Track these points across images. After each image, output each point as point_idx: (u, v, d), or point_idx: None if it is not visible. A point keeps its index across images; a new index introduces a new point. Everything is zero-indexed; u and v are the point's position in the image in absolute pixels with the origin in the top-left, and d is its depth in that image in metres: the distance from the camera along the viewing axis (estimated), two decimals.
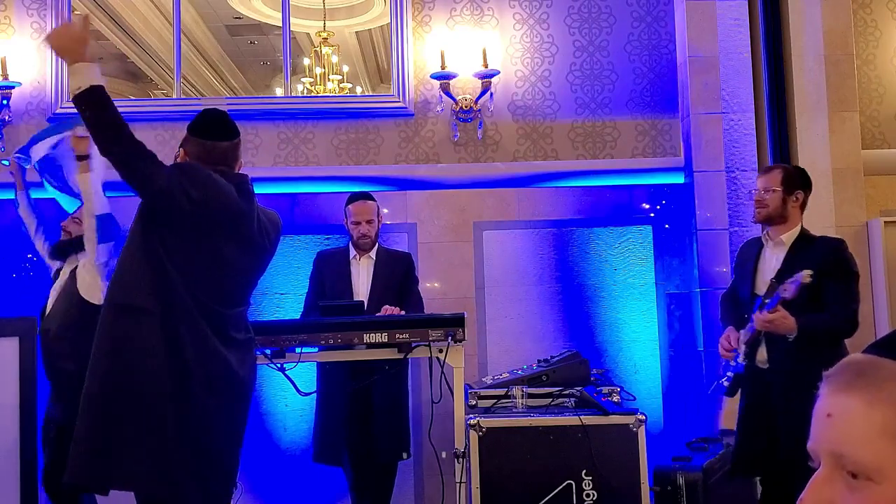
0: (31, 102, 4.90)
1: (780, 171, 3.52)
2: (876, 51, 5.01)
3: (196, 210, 2.68)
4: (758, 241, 3.60)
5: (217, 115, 2.89)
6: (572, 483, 3.38)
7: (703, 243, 4.70)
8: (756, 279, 3.50)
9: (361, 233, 4.17)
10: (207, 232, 2.72)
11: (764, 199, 3.47)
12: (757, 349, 3.42)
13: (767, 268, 3.48)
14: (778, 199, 3.44)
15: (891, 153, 4.91)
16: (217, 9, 7.09)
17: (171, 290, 2.66)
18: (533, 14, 5.06)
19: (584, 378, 3.94)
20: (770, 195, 3.46)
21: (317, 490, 4.68)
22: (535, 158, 4.99)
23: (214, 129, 2.82)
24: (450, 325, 3.45)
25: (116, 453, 2.63)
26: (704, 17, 4.79)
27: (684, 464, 3.78)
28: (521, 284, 4.87)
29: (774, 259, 3.47)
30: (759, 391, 3.44)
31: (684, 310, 4.82)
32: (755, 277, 3.51)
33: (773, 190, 3.45)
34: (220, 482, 2.82)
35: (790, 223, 3.47)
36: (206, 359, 2.71)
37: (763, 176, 3.56)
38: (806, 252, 3.35)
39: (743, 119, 4.76)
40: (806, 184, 3.53)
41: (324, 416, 4.13)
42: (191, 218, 2.69)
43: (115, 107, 2.69)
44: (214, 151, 2.79)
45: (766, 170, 3.61)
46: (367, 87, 8.05)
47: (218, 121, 2.85)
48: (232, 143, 2.84)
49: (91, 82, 2.67)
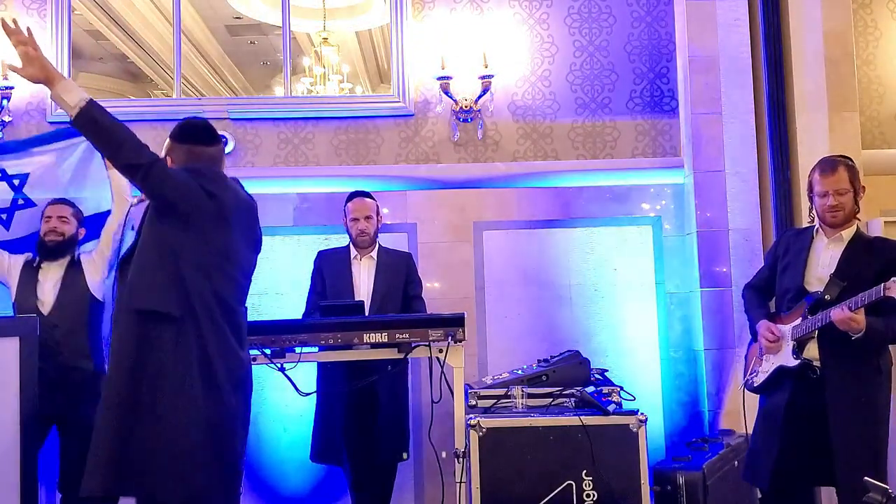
0: (31, 102, 4.90)
1: (845, 168, 3.32)
2: (876, 51, 5.02)
3: (214, 206, 2.68)
4: (807, 232, 3.42)
5: (200, 122, 2.91)
6: (572, 483, 3.38)
7: (703, 243, 4.70)
8: (807, 273, 3.33)
9: (360, 229, 4.18)
10: (225, 228, 2.72)
11: (840, 202, 3.27)
12: (804, 346, 3.29)
13: (821, 263, 3.31)
14: (851, 199, 3.30)
15: (891, 153, 4.91)
16: (217, 9, 7.09)
17: (192, 293, 2.65)
18: (533, 14, 5.06)
19: (584, 378, 3.93)
20: (845, 197, 3.28)
21: (316, 490, 4.68)
22: (535, 158, 4.99)
23: (200, 134, 2.84)
24: (450, 325, 3.45)
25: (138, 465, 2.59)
26: (704, 17, 4.79)
27: (684, 464, 3.78)
28: (521, 284, 4.87)
29: (829, 255, 3.30)
30: (798, 393, 3.28)
31: (684, 310, 4.82)
32: (806, 270, 3.33)
33: (846, 191, 3.29)
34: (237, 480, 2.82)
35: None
36: (230, 360, 2.71)
37: (830, 177, 3.30)
38: (866, 253, 3.23)
39: (743, 119, 4.76)
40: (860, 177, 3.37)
41: (323, 415, 4.13)
42: (208, 214, 2.68)
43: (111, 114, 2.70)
44: (203, 156, 2.81)
45: (831, 169, 3.33)
46: (367, 87, 8.06)
47: (202, 126, 2.87)
48: (217, 147, 2.87)
49: (83, 97, 2.67)
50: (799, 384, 3.28)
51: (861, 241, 3.31)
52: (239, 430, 2.79)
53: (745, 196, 4.73)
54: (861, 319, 3.08)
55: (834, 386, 3.21)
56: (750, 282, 3.69)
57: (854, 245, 3.28)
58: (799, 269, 3.35)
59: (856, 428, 3.17)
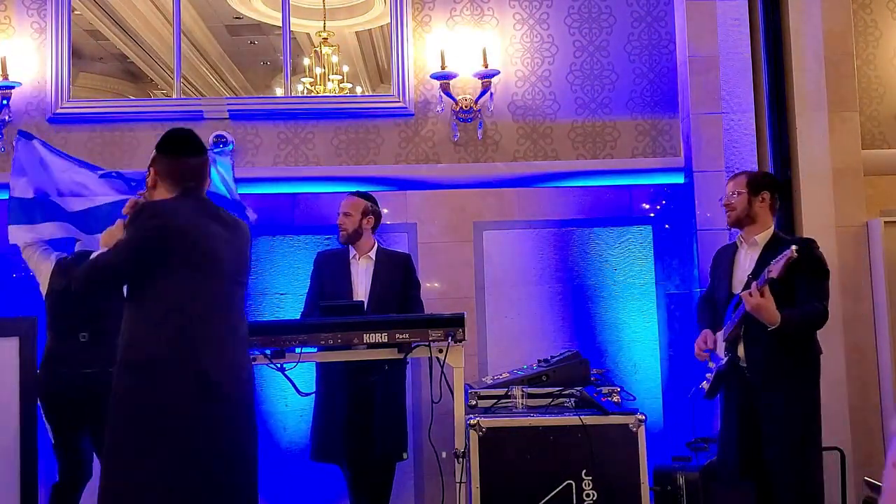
0: (31, 102, 4.90)
1: (745, 175, 3.72)
2: (876, 51, 5.01)
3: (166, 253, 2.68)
4: (732, 246, 3.76)
5: (185, 133, 2.90)
6: (572, 483, 3.38)
7: (703, 243, 4.70)
8: (732, 280, 3.64)
9: (336, 224, 4.25)
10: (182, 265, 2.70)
11: (731, 201, 3.66)
12: (737, 346, 3.53)
13: (743, 268, 3.61)
14: (744, 201, 3.62)
15: (891, 153, 4.91)
16: (217, 9, 7.09)
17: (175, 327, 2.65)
18: (533, 14, 5.06)
19: (584, 378, 3.93)
20: (737, 198, 3.64)
21: (316, 490, 4.68)
22: (535, 158, 4.99)
23: (183, 146, 2.83)
24: (450, 325, 3.45)
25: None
26: (704, 17, 4.79)
27: (684, 464, 3.78)
28: (521, 284, 4.87)
29: (749, 260, 3.60)
30: (741, 390, 3.55)
31: (684, 310, 4.82)
32: (731, 278, 3.64)
33: (739, 192, 3.63)
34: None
35: (760, 224, 3.63)
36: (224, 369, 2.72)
37: (731, 181, 3.75)
38: (779, 251, 3.40)
39: (743, 119, 4.76)
40: (772, 185, 3.69)
41: (322, 414, 4.13)
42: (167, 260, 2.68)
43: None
44: (185, 168, 2.81)
45: (734, 175, 3.80)
46: (367, 87, 8.05)
47: (186, 138, 2.86)
48: (201, 159, 2.85)
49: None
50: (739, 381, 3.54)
51: (776, 242, 3.56)
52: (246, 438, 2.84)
53: None
54: (771, 307, 3.30)
55: (756, 379, 3.47)
56: (701, 294, 3.99)
57: (769, 246, 3.55)
58: (726, 278, 3.67)
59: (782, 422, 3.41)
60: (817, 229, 4.46)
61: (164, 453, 2.59)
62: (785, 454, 3.41)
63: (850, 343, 4.55)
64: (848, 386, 4.51)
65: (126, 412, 2.63)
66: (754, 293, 3.33)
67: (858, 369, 4.54)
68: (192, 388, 2.62)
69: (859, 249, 4.61)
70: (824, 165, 4.67)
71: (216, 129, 4.91)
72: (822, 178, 4.66)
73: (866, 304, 4.59)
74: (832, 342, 4.28)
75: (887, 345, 4.49)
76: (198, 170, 2.83)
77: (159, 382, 2.61)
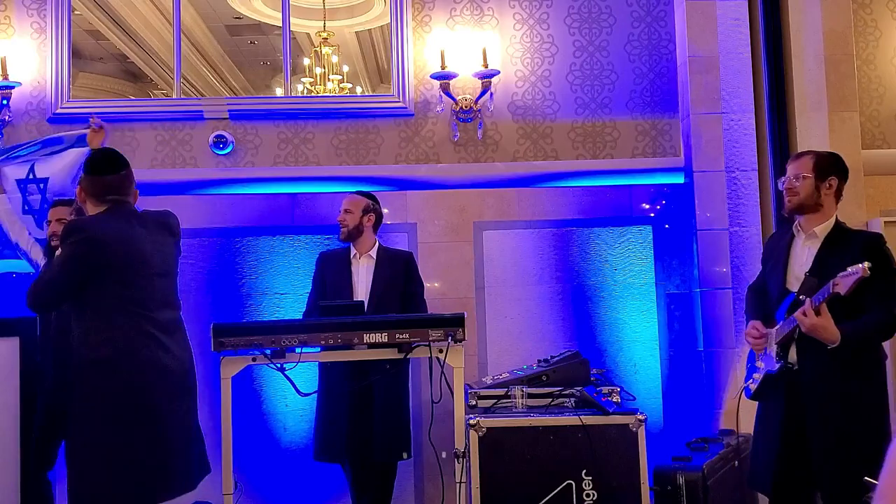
0: (31, 102, 4.90)
1: (812, 156, 3.27)
2: (876, 51, 5.02)
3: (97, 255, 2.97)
4: (788, 232, 3.33)
5: (105, 152, 3.22)
6: (572, 483, 3.38)
7: (703, 243, 4.70)
8: (787, 274, 3.25)
9: (338, 220, 4.26)
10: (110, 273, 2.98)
11: (794, 186, 3.21)
12: (788, 350, 3.19)
13: (799, 261, 3.23)
14: (810, 186, 3.19)
15: (891, 153, 4.91)
16: (217, 9, 7.09)
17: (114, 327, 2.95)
18: (533, 14, 5.06)
19: (584, 378, 3.93)
20: (801, 182, 3.20)
21: (317, 490, 4.68)
22: (535, 158, 4.99)
23: (103, 165, 3.12)
24: (450, 325, 3.44)
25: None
26: (704, 17, 4.80)
27: (684, 464, 3.78)
28: (521, 284, 4.87)
29: (806, 252, 3.22)
30: (789, 399, 3.18)
31: (684, 310, 4.82)
32: (786, 272, 3.25)
33: (805, 176, 3.20)
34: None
35: (824, 213, 3.21)
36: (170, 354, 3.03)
37: (793, 162, 3.29)
38: (842, 246, 3.11)
39: (743, 119, 4.76)
40: (840, 170, 3.26)
41: (325, 415, 4.13)
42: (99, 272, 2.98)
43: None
44: (105, 184, 3.09)
45: (797, 156, 3.34)
46: (367, 87, 8.05)
47: (106, 157, 3.16)
48: (119, 174, 3.12)
49: None
50: (789, 388, 3.19)
51: (838, 235, 3.20)
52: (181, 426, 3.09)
53: (745, 196, 4.73)
54: (830, 327, 2.97)
55: (810, 389, 3.11)
56: (751, 283, 3.62)
57: (830, 240, 3.18)
58: (780, 271, 3.28)
59: (836, 432, 3.07)
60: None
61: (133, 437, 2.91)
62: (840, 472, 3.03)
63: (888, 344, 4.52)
64: None
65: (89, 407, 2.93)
66: (809, 313, 2.96)
67: None
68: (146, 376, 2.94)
69: None
70: None
71: (216, 129, 4.92)
72: None
73: None
74: None
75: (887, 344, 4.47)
76: (117, 183, 3.10)
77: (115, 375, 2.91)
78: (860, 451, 3.02)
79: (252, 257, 4.86)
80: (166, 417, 2.97)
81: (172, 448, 2.99)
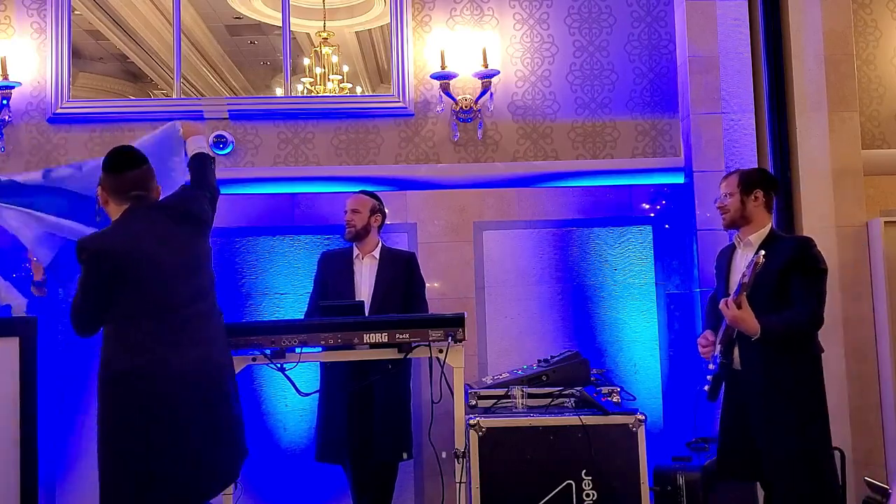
0: (31, 102, 4.90)
1: (737, 174, 3.61)
2: (876, 51, 5.01)
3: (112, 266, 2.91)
4: (731, 246, 3.68)
5: (123, 149, 3.15)
6: (572, 483, 3.38)
7: (702, 243, 4.70)
8: (729, 280, 3.56)
9: (345, 221, 4.23)
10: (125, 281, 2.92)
11: (725, 203, 3.57)
12: (732, 349, 3.44)
13: (737, 269, 3.51)
14: (737, 202, 3.53)
15: (891, 153, 4.91)
16: (217, 9, 7.09)
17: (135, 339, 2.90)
18: (533, 14, 5.06)
19: (584, 378, 3.94)
20: (729, 199, 3.55)
21: (317, 490, 4.68)
22: (535, 158, 4.99)
23: (122, 162, 3.06)
24: (450, 325, 3.44)
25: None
26: (704, 17, 4.80)
27: (684, 464, 3.78)
28: (521, 284, 4.87)
29: (744, 261, 3.48)
30: (736, 393, 3.48)
31: (684, 310, 4.82)
32: (728, 279, 3.57)
33: (731, 193, 3.55)
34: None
35: (756, 223, 3.53)
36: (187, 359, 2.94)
37: (722, 182, 3.64)
38: (774, 251, 3.36)
39: (743, 119, 4.76)
40: (765, 183, 3.59)
41: (327, 415, 4.13)
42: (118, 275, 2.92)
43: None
44: (126, 181, 3.03)
45: (725, 176, 3.69)
46: (367, 87, 8.05)
47: (124, 154, 3.10)
48: (141, 169, 3.06)
49: None
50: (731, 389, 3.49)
51: (771, 241, 3.48)
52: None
53: None
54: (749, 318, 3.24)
55: (755, 391, 3.38)
56: (709, 295, 3.86)
57: (763, 246, 3.43)
58: (723, 278, 3.61)
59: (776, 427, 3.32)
60: (817, 229, 4.47)
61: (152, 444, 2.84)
62: (786, 462, 3.30)
63: (850, 343, 4.55)
64: (848, 385, 4.51)
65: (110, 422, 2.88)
66: (730, 305, 3.26)
67: (858, 369, 4.54)
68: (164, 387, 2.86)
69: (859, 249, 4.61)
70: (824, 165, 4.67)
71: (216, 129, 4.92)
72: (822, 178, 4.66)
73: (866, 304, 4.59)
74: (832, 341, 4.29)
75: (887, 345, 4.49)
76: (139, 179, 3.04)
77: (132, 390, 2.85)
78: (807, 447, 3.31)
79: (252, 257, 4.85)
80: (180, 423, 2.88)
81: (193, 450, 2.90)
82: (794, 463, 3.28)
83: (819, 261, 3.41)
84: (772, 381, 3.33)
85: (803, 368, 3.38)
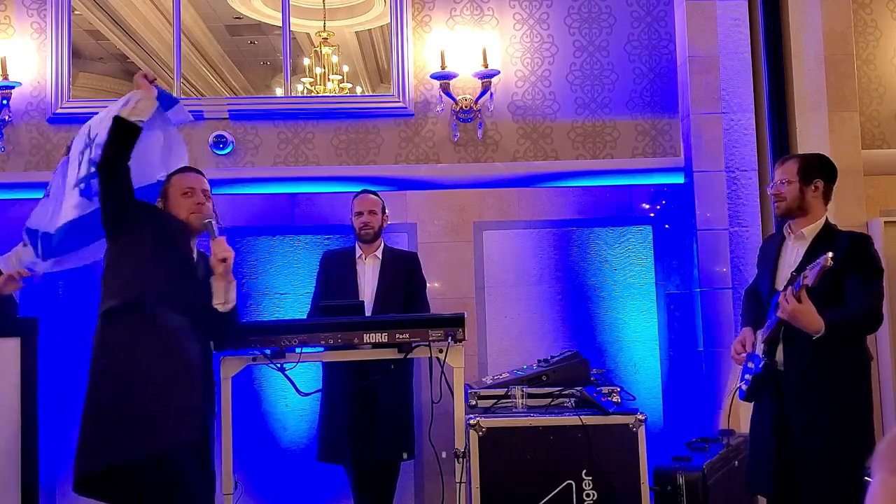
0: (31, 102, 4.90)
1: (796, 160, 3.31)
2: (876, 51, 5.02)
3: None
4: (779, 236, 3.37)
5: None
6: (572, 483, 3.38)
7: (703, 243, 4.70)
8: (776, 274, 3.27)
9: (363, 222, 4.19)
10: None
11: (781, 191, 3.25)
12: (776, 349, 3.17)
13: (788, 262, 3.25)
14: (795, 190, 3.23)
15: (891, 153, 4.91)
16: (217, 9, 7.09)
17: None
18: (533, 14, 5.06)
19: (584, 378, 3.93)
20: (786, 187, 3.24)
21: (317, 490, 4.68)
22: (535, 158, 4.99)
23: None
24: (450, 325, 3.44)
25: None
26: (704, 17, 4.80)
27: (684, 464, 3.78)
28: (521, 284, 4.87)
29: (795, 253, 3.24)
30: (777, 398, 3.16)
31: (684, 310, 4.82)
32: (775, 273, 3.28)
33: (789, 181, 3.24)
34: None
35: (812, 215, 3.24)
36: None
37: (779, 167, 3.33)
38: (829, 246, 3.07)
39: (743, 119, 4.76)
40: (826, 172, 3.28)
41: (328, 415, 4.13)
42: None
43: None
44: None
45: (782, 160, 3.37)
46: (367, 87, 8.05)
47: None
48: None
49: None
50: (776, 389, 3.15)
51: (826, 236, 3.22)
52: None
53: (745, 196, 4.73)
54: (812, 314, 2.97)
55: (796, 397, 3.10)
56: (747, 287, 3.61)
57: (818, 241, 3.20)
58: (770, 271, 3.30)
59: (822, 433, 3.06)
60: None
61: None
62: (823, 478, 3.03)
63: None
64: None
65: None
66: (790, 299, 2.96)
67: None
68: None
69: None
70: None
71: (216, 129, 4.92)
72: None
73: None
74: None
75: (887, 345, 4.49)
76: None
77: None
78: (847, 451, 3.02)
79: (252, 257, 4.85)
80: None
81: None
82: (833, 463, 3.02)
83: (876, 259, 3.16)
84: (818, 388, 3.07)
85: (855, 375, 3.12)
